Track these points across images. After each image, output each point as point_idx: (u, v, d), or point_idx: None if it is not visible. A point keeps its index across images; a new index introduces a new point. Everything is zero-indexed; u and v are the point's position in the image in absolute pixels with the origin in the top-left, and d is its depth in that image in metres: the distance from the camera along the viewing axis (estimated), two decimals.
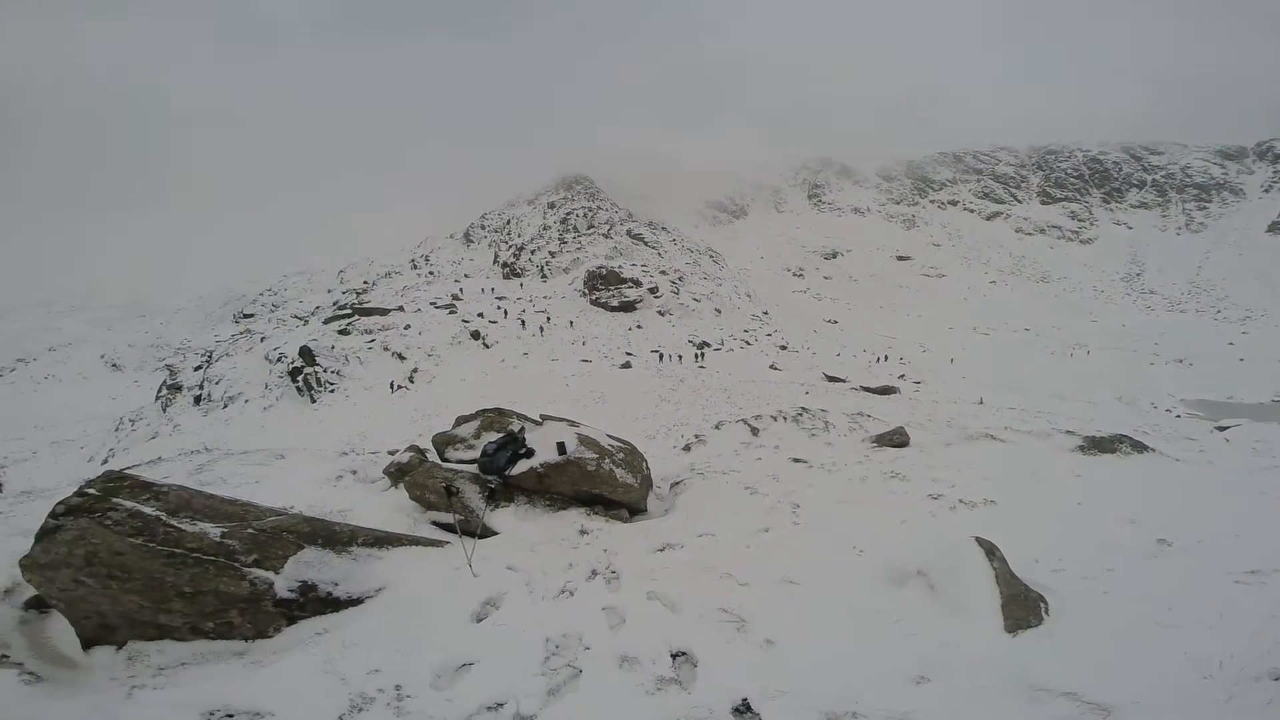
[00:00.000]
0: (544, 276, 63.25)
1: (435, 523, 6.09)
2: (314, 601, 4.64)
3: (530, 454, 6.59)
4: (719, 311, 52.98)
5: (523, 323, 42.59)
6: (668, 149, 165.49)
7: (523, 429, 7.09)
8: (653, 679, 3.62)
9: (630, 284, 52.10)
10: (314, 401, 31.80)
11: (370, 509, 6.27)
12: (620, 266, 55.01)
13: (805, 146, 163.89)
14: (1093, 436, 9.15)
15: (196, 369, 39.19)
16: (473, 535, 5.66)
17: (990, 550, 4.31)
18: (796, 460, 8.80)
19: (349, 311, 45.50)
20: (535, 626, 4.24)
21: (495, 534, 5.87)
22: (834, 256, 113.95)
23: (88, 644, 4.37)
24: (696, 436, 11.48)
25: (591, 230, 74.26)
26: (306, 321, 53.44)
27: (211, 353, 41.95)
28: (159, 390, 39.40)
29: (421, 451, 7.45)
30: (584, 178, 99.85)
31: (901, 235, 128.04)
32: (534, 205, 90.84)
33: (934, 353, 58.56)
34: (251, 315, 79.07)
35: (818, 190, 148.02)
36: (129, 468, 7.39)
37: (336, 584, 4.77)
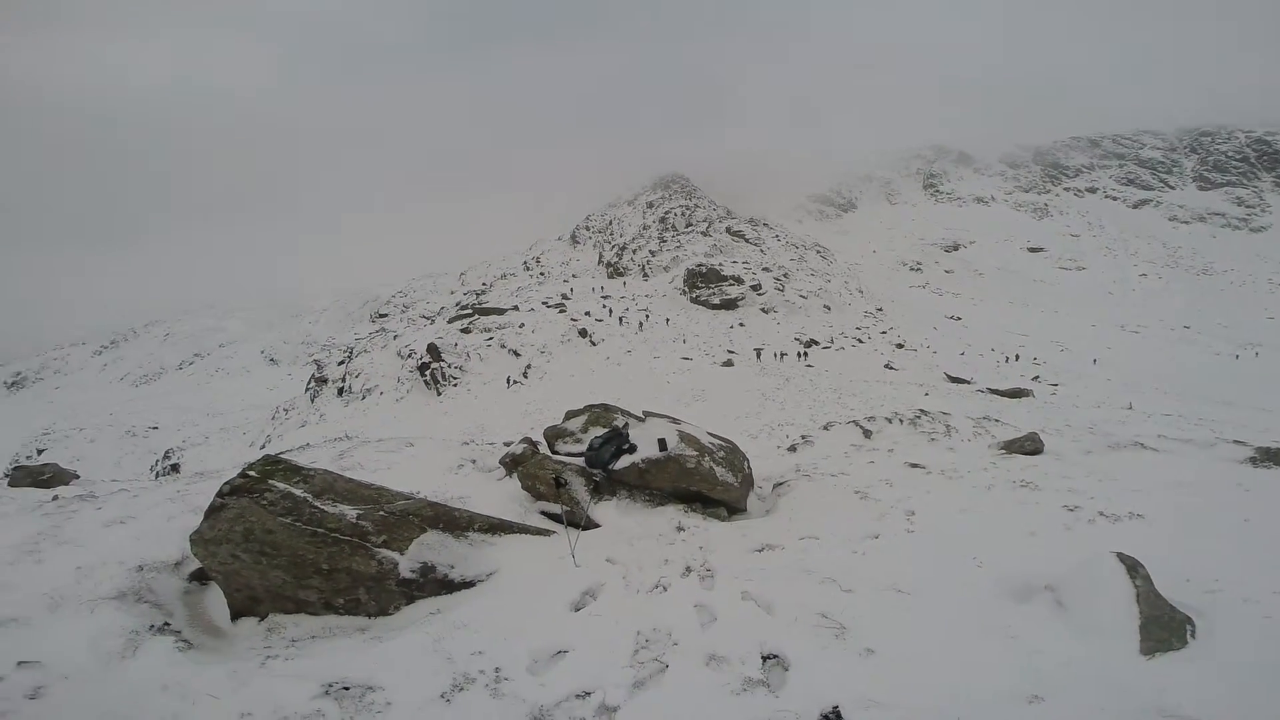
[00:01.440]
0: (645, 275, 63.91)
1: (544, 512, 6.37)
2: (432, 583, 5.00)
3: (633, 449, 6.72)
4: (828, 308, 51.15)
5: (624, 320, 43.37)
6: (766, 144, 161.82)
7: (626, 425, 7.24)
8: (740, 679, 3.59)
9: (731, 281, 51.52)
10: (440, 394, 34.21)
11: (486, 496, 6.65)
12: (720, 264, 54.52)
13: (916, 135, 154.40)
14: (1267, 448, 7.97)
15: (339, 364, 43.27)
16: (577, 526, 5.85)
17: (1133, 566, 3.89)
18: (913, 465, 8.35)
19: (470, 311, 48.31)
20: (628, 619, 4.32)
21: (597, 526, 6.05)
22: (956, 249, 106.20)
23: (236, 615, 4.95)
24: (803, 437, 11.18)
25: (690, 229, 74.14)
26: (433, 320, 57.37)
27: (352, 349, 46.17)
28: (308, 383, 43.89)
29: (534, 443, 7.78)
30: (680, 176, 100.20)
31: (1032, 225, 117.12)
32: (633, 205, 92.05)
33: (1074, 352, 53.10)
34: (385, 315, 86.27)
35: (934, 180, 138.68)
36: (283, 453, 8.31)
37: (453, 567, 5.11)
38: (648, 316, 45.01)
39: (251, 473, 5.32)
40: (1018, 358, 44.70)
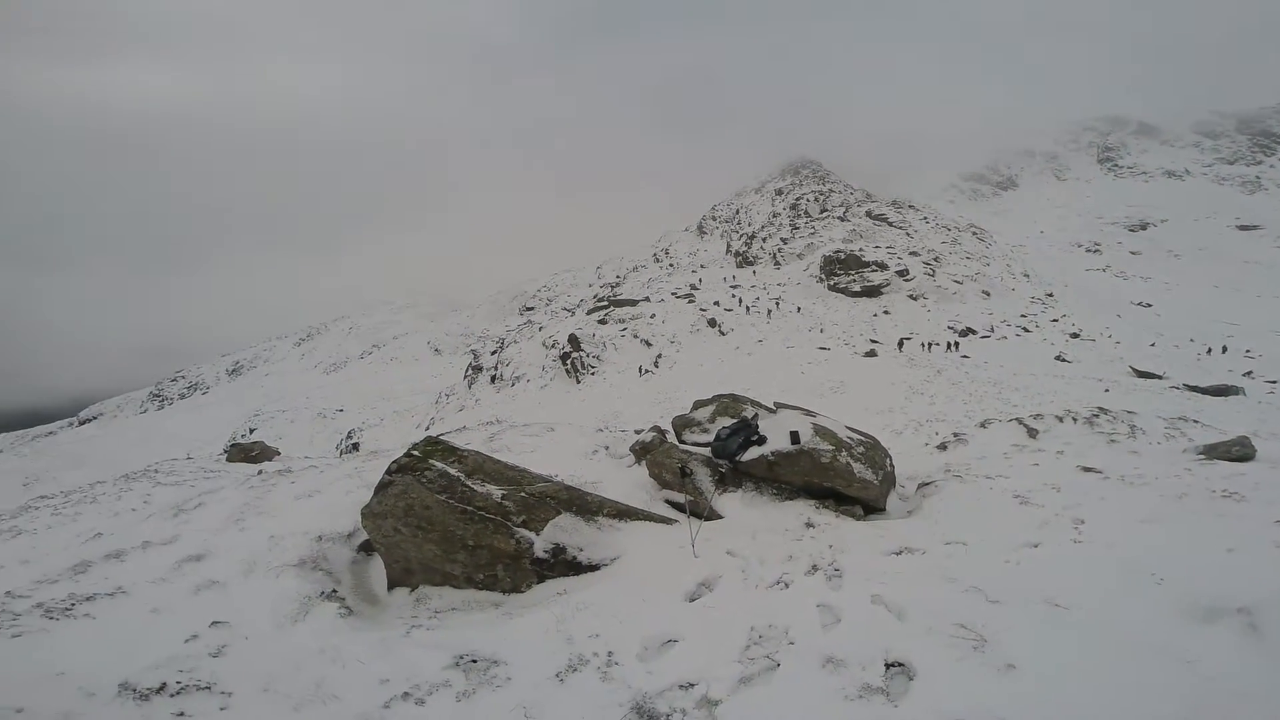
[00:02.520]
0: (777, 263, 62.09)
1: (669, 501, 6.44)
2: (561, 564, 5.24)
3: (762, 441, 6.58)
4: (987, 294, 46.65)
5: (753, 309, 42.50)
6: (907, 123, 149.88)
7: (756, 415, 7.11)
8: (857, 685, 3.39)
9: (874, 267, 48.57)
10: (579, 382, 35.83)
11: (616, 482, 6.84)
12: (861, 250, 51.59)
13: (1085, 104, 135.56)
14: None
15: (492, 353, 46.69)
16: (699, 517, 5.84)
17: None
18: (1086, 469, 7.39)
19: (605, 303, 49.90)
20: (743, 614, 4.23)
21: (720, 518, 6.00)
22: (1143, 228, 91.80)
23: (392, 585, 5.49)
24: (955, 435, 10.31)
25: (825, 214, 70.82)
26: (573, 313, 59.95)
27: (503, 340, 49.61)
28: (466, 371, 47.87)
29: (662, 432, 7.87)
30: (811, 161, 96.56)
31: (1241, 201, 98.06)
32: (760, 193, 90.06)
33: None
34: (532, 308, 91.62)
35: (1110, 153, 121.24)
36: (442, 434, 9.11)
37: (581, 549, 5.33)
38: (778, 305, 43.79)
39: (415, 452, 5.88)
40: (1225, 350, 37.86)
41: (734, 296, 46.54)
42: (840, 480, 6.26)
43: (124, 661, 4.44)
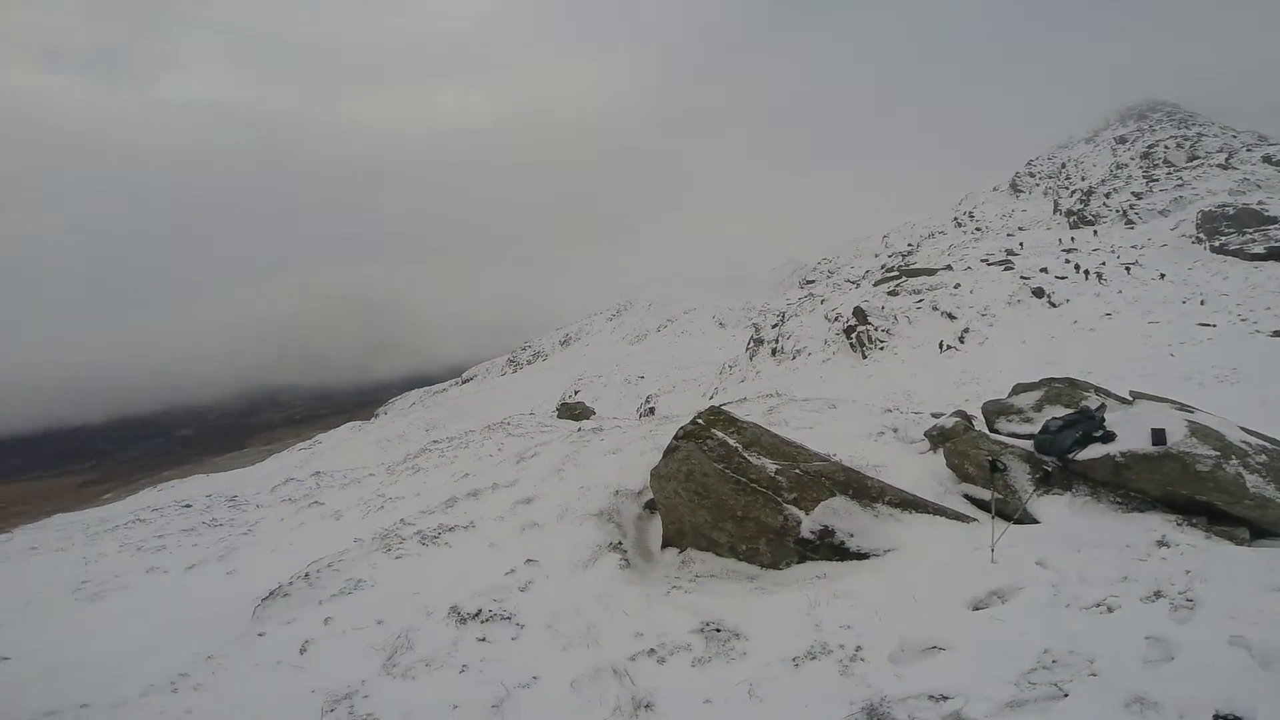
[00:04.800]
0: (1129, 222, 49.86)
1: (967, 496, 5.72)
2: (826, 546, 5.04)
3: (1107, 438, 5.41)
4: None
5: (1095, 276, 34.55)
6: None
7: (1102, 406, 5.87)
8: None
9: None
10: (865, 357, 33.82)
11: (903, 469, 6.32)
12: (1261, 203, 38.37)
13: None
14: None
15: (773, 326, 46.82)
16: (1007, 518, 5.07)
17: None
18: None
19: (896, 273, 46.13)
20: (1039, 633, 3.62)
21: (1035, 522, 5.12)
22: None
23: (664, 544, 5.90)
24: None
25: (1196, 162, 54.74)
26: (858, 284, 56.82)
27: (784, 313, 49.34)
28: (747, 343, 48.91)
29: (968, 418, 7.05)
30: (1162, 102, 76.34)
31: None
32: (1094, 143, 75.10)
33: None
34: (813, 281, 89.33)
35: None
36: (724, 405, 9.47)
37: (851, 535, 5.05)
38: (1129, 270, 35.05)
39: (699, 420, 6.23)
40: None
41: (1068, 262, 38.70)
42: (1222, 495, 4.85)
43: (460, 586, 5.63)
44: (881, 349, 33.58)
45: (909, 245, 77.08)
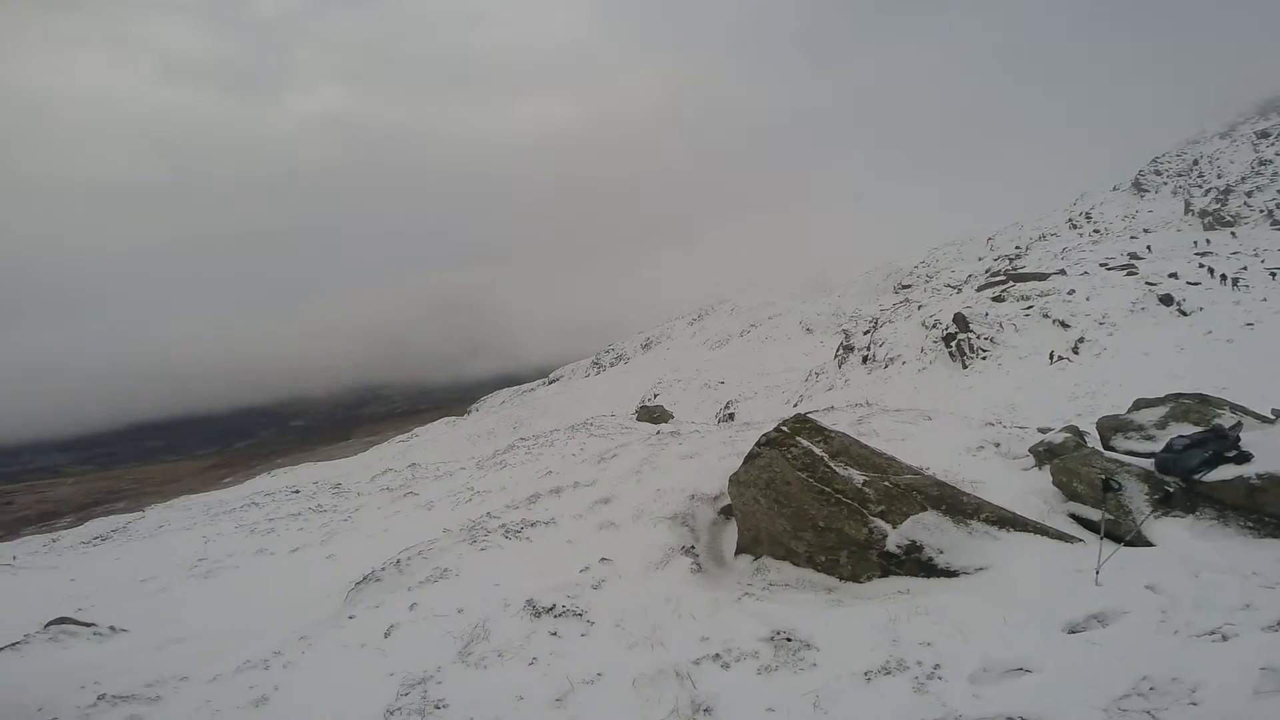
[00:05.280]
0: (1275, 223, 44.61)
1: (1074, 515, 5.28)
2: (912, 562, 4.77)
3: (1243, 459, 4.84)
4: None
5: (1234, 282, 30.89)
6: None
7: (1238, 425, 5.25)
8: None
9: None
10: (965, 367, 31.89)
11: (1002, 485, 5.92)
12: None
13: None
14: None
15: (864, 333, 45.09)
16: (1116, 540, 4.65)
17: None
18: None
19: (1002, 278, 43.24)
20: (1139, 659, 3.32)
21: (1149, 545, 4.65)
22: None
23: (739, 551, 5.77)
24: None
25: None
26: (959, 290, 53.79)
27: (877, 319, 47.42)
28: (836, 350, 47.34)
29: (1080, 434, 6.53)
30: None
31: None
32: (1230, 138, 69.19)
33: None
34: (909, 286, 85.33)
35: None
36: (810, 412, 9.20)
37: (941, 551, 4.77)
38: (1274, 276, 31.13)
39: (784, 428, 6.09)
40: None
41: (1201, 266, 34.98)
42: None
43: (537, 580, 5.74)
44: (984, 359, 31.56)
45: (1016, 248, 72.37)
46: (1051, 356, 28.37)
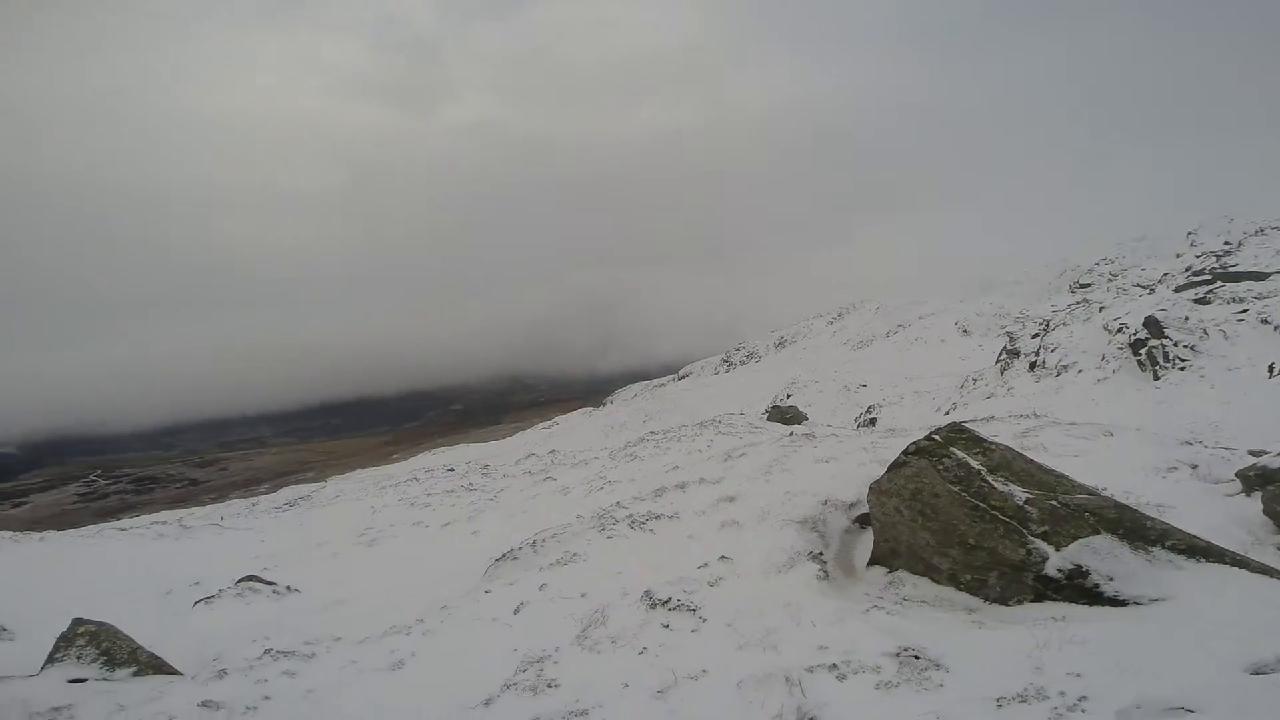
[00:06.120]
0: None
1: None
2: (1074, 588, 4.24)
3: None
4: None
5: None
6: None
7: None
8: None
9: None
10: (1156, 379, 27.65)
11: (1197, 511, 5.11)
12: None
13: None
14: None
15: (1034, 337, 40.53)
16: None
17: None
18: None
19: (1208, 277, 36.97)
20: None
21: None
22: None
23: (872, 562, 5.39)
24: None
25: None
26: (1152, 290, 46.77)
27: (1048, 321, 42.47)
28: (998, 355, 42.98)
29: None
30: None
31: None
32: None
33: None
34: (1088, 285, 75.34)
35: None
36: (967, 422, 8.47)
37: (1110, 579, 4.19)
38: None
39: (936, 437, 5.66)
40: None
41: None
42: None
43: (656, 572, 5.77)
44: (1181, 369, 27.16)
45: (1225, 244, 61.48)
46: (1271, 370, 23.75)
